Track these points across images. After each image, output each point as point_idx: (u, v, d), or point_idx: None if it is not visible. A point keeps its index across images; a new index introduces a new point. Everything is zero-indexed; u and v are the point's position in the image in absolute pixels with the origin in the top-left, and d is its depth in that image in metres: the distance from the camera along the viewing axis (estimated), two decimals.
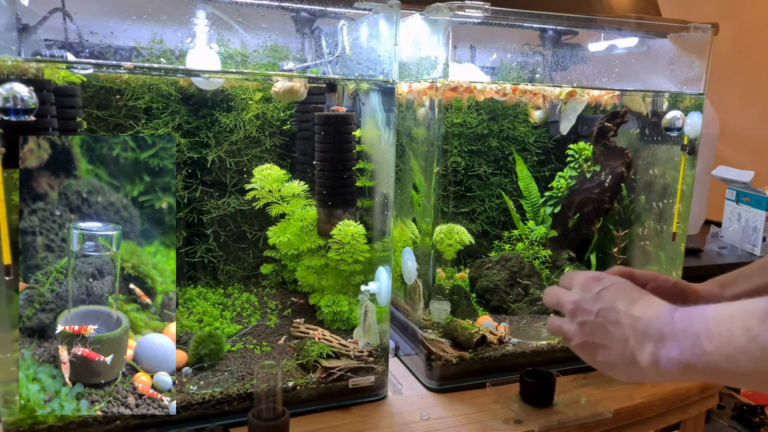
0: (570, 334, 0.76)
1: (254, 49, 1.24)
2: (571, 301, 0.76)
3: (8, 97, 0.84)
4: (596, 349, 0.73)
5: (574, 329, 0.75)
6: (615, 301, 0.73)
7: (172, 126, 1.30)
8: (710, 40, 1.31)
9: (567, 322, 0.77)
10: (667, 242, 1.43)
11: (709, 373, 0.62)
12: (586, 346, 0.74)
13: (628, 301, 0.72)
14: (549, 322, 0.82)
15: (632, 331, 0.69)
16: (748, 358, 0.58)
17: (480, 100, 1.54)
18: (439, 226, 1.27)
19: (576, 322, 0.75)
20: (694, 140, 1.36)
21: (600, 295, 0.74)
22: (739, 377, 0.61)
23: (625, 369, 0.70)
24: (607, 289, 0.75)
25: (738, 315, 0.61)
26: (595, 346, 0.73)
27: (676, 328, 0.66)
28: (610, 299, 0.73)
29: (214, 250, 1.41)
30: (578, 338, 0.75)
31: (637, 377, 0.70)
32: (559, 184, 1.57)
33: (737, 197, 2.10)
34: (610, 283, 0.75)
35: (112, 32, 1.08)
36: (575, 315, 0.75)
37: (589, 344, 0.74)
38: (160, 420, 0.97)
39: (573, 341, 0.76)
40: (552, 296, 0.81)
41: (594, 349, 0.73)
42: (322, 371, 1.10)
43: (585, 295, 0.75)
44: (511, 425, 1.07)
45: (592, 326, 0.73)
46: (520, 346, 1.27)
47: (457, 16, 1.09)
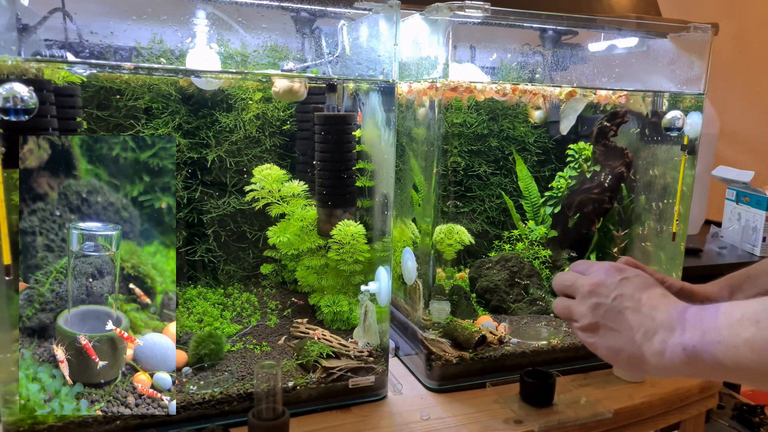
0: (579, 314, 0.76)
1: (254, 49, 1.24)
2: (591, 282, 0.76)
3: (8, 97, 0.84)
4: (605, 333, 0.73)
5: (585, 309, 0.75)
6: (635, 290, 0.74)
7: (172, 126, 1.30)
8: (710, 40, 1.31)
9: (578, 302, 0.77)
10: (667, 242, 1.43)
11: (713, 365, 0.63)
12: (594, 328, 0.74)
13: (648, 293, 0.73)
14: (556, 302, 0.82)
15: (648, 320, 0.70)
16: (752, 350, 0.59)
17: (480, 100, 1.54)
18: (439, 226, 1.27)
19: (589, 302, 0.75)
20: (694, 140, 1.36)
21: (622, 283, 0.75)
22: (742, 371, 0.61)
23: (630, 357, 0.71)
24: (629, 279, 0.75)
25: (748, 308, 0.62)
26: (604, 329, 0.73)
27: (687, 320, 0.67)
28: (631, 288, 0.74)
29: (214, 250, 1.41)
30: (587, 318, 0.75)
31: (639, 366, 0.71)
32: (559, 184, 1.57)
33: (737, 197, 2.10)
34: (633, 274, 0.76)
35: (112, 32, 1.08)
36: (591, 296, 0.75)
37: (598, 326, 0.74)
38: (160, 420, 0.97)
39: (580, 321, 0.76)
40: (565, 279, 0.81)
41: (601, 332, 0.74)
42: (322, 371, 1.10)
43: (606, 279, 0.76)
44: (511, 425, 1.07)
45: (606, 309, 0.74)
46: (520, 346, 1.27)
47: (457, 16, 1.09)
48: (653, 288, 0.74)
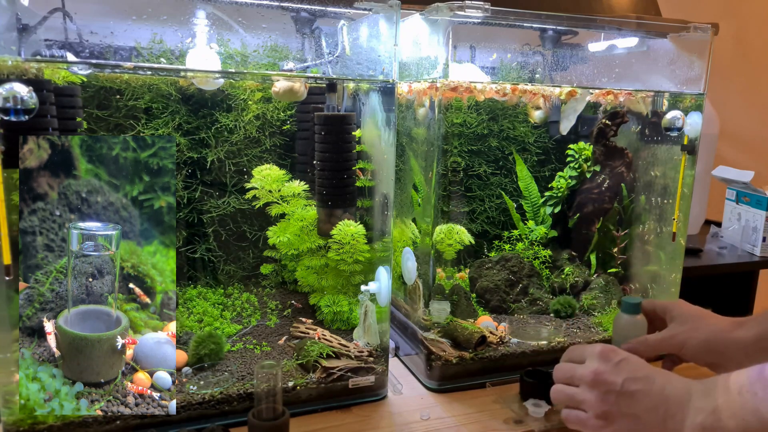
0: (588, 404, 0.77)
1: (254, 49, 1.24)
2: (591, 371, 0.77)
3: (8, 97, 0.84)
4: (621, 420, 0.74)
5: (594, 399, 0.76)
6: (636, 372, 0.76)
7: (172, 126, 1.30)
8: (710, 40, 1.31)
9: (582, 391, 0.78)
10: (667, 242, 1.43)
11: None
12: (607, 415, 0.75)
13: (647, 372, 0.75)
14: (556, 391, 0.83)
15: (661, 400, 0.72)
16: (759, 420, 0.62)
17: (480, 100, 1.54)
18: (439, 226, 1.27)
19: (597, 392, 0.76)
20: (694, 140, 1.36)
21: (620, 366, 0.77)
22: None
23: None
24: (626, 360, 0.77)
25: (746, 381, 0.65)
26: (620, 416, 0.74)
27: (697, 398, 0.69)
28: (632, 370, 0.76)
29: (214, 250, 1.41)
30: (599, 407, 0.76)
31: None
32: (559, 184, 1.57)
33: (737, 197, 2.10)
34: (626, 355, 0.79)
35: (112, 32, 1.08)
36: (596, 385, 0.77)
37: (612, 414, 0.75)
38: (160, 420, 0.97)
39: (591, 411, 0.77)
40: (564, 371, 0.83)
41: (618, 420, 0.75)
42: (322, 371, 1.10)
43: (605, 365, 0.77)
44: (511, 425, 1.07)
45: (617, 396, 0.75)
46: (520, 346, 1.27)
47: (457, 16, 1.09)
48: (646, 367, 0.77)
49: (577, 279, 1.50)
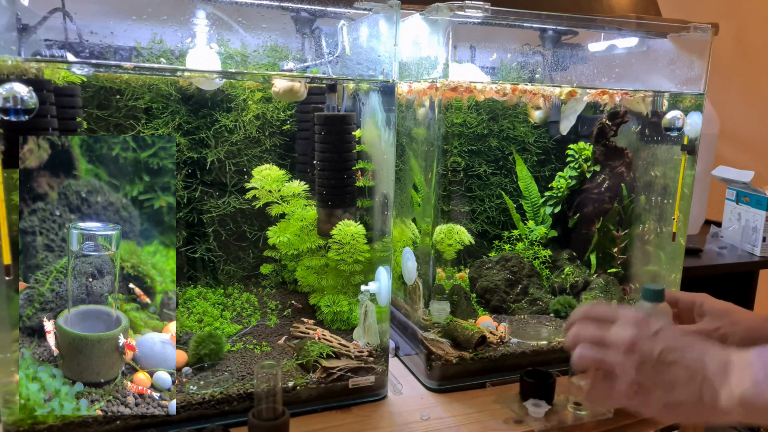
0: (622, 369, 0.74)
1: (254, 49, 1.24)
2: (628, 337, 0.74)
3: (8, 97, 0.84)
4: (655, 389, 0.72)
5: (629, 366, 0.73)
6: (674, 342, 0.73)
7: (172, 126, 1.30)
8: (710, 40, 1.31)
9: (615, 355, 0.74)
10: (667, 242, 1.43)
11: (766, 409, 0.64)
12: (642, 386, 0.73)
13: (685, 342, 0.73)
14: (582, 353, 0.77)
15: (698, 369, 0.70)
16: None
17: (480, 100, 1.54)
18: (439, 226, 1.27)
19: (633, 360, 0.73)
20: (694, 140, 1.36)
21: (659, 336, 0.73)
22: None
23: (692, 409, 0.70)
24: (663, 329, 0.74)
25: None
26: (654, 386, 0.72)
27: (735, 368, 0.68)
28: (670, 340, 0.73)
29: (214, 250, 1.41)
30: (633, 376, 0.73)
31: (703, 417, 0.71)
32: (559, 184, 1.57)
33: (737, 197, 2.10)
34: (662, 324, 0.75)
35: (112, 32, 1.08)
36: (632, 353, 0.73)
37: (646, 384, 0.73)
38: (160, 420, 0.97)
39: (625, 377, 0.74)
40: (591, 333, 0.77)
41: (652, 390, 0.72)
42: (322, 371, 1.10)
43: (642, 333, 0.74)
44: (511, 425, 1.07)
45: (653, 366, 0.72)
46: (520, 346, 1.27)
47: (457, 16, 1.09)
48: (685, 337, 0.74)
49: (577, 279, 1.50)
